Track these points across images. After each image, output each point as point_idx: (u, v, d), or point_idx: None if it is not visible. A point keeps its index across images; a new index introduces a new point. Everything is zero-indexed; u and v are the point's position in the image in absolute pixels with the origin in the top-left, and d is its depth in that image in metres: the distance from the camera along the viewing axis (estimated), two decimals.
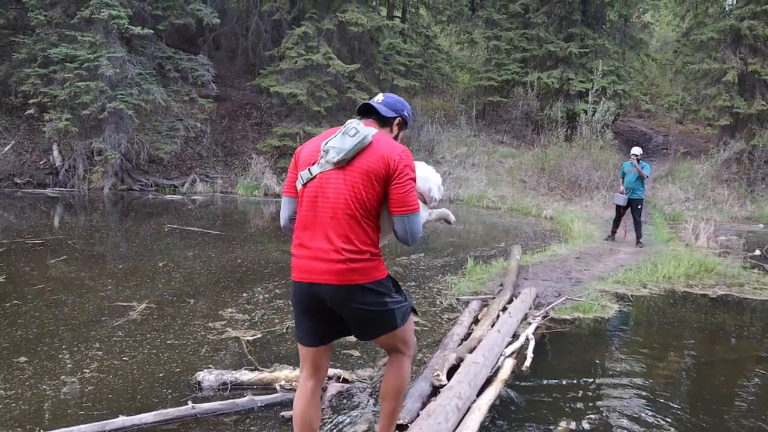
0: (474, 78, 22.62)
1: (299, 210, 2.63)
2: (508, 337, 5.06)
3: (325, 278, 2.51)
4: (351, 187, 2.50)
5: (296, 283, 2.61)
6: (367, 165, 2.50)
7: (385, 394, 2.82)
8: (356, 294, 2.52)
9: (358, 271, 2.51)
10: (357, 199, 2.50)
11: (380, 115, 2.72)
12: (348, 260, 2.49)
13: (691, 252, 9.76)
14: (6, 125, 16.40)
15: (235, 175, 16.94)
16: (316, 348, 2.71)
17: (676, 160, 19.94)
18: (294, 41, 16.32)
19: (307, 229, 2.57)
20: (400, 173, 2.51)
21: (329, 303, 2.56)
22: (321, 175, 2.55)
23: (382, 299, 2.59)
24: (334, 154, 2.51)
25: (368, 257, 2.53)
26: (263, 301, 6.26)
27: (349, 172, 2.51)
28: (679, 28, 24.07)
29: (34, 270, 7.23)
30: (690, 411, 4.10)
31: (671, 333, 5.95)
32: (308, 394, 2.72)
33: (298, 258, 2.60)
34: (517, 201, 15.64)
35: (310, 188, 2.57)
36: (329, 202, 2.52)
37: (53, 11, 15.10)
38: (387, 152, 2.52)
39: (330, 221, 2.51)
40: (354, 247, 2.50)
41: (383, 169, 2.50)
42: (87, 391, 4.00)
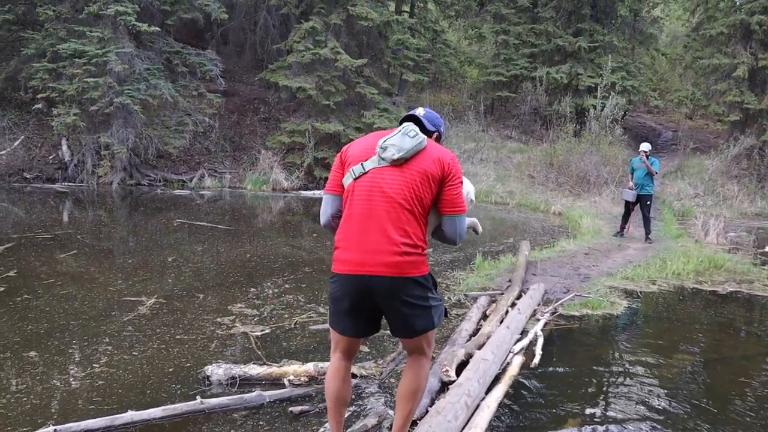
0: (482, 73, 22.54)
1: (349, 204, 2.68)
2: (517, 334, 5.05)
3: (381, 270, 2.57)
4: (410, 184, 2.60)
5: (347, 275, 2.64)
6: (425, 166, 2.62)
7: (403, 394, 2.84)
8: (407, 286, 2.60)
9: (412, 264, 2.60)
10: (416, 196, 2.60)
11: (423, 128, 2.85)
12: (405, 253, 2.57)
13: (700, 248, 9.71)
14: (15, 120, 16.47)
15: (244, 170, 16.96)
16: (349, 338, 2.80)
17: (686, 155, 19.82)
18: (302, 35, 16.30)
19: (359, 222, 2.63)
20: (453, 176, 2.66)
21: (379, 295, 2.61)
22: (375, 170, 2.64)
23: (426, 294, 2.67)
24: (394, 151, 2.60)
25: (420, 251, 2.64)
26: (272, 296, 6.28)
27: (407, 171, 2.61)
28: (689, 23, 23.90)
29: (45, 264, 7.27)
30: (700, 408, 4.08)
31: (680, 330, 5.92)
32: (341, 373, 2.82)
33: (349, 251, 2.64)
34: (525, 196, 15.60)
35: (363, 182, 2.64)
36: (387, 196, 2.60)
37: (61, 6, 15.12)
38: (441, 156, 2.67)
39: (387, 215, 2.59)
40: (410, 240, 2.59)
41: (439, 171, 2.63)
42: (97, 385, 4.02)
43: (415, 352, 2.84)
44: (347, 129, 16.23)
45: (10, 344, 4.64)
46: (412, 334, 2.75)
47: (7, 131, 16.05)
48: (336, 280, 2.70)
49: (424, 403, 3.57)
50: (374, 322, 2.80)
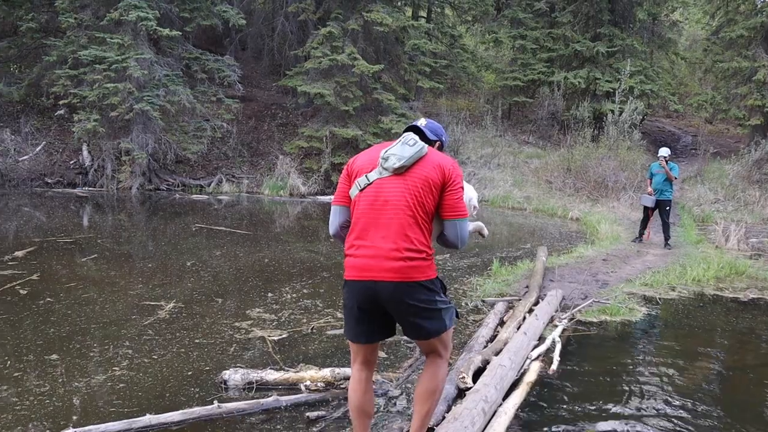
0: (499, 78, 22.50)
1: (355, 214, 2.78)
2: (534, 340, 5.03)
3: (386, 275, 2.63)
4: (412, 191, 2.68)
5: (353, 281, 2.73)
6: (426, 172, 2.71)
7: (420, 394, 2.89)
8: (412, 291, 2.65)
9: (417, 269, 2.65)
10: (418, 203, 2.68)
11: (425, 137, 2.94)
12: (408, 258, 2.64)
13: (721, 254, 9.59)
14: (38, 126, 16.74)
15: (261, 175, 17.08)
16: (366, 345, 2.85)
17: (706, 160, 19.58)
18: (319, 41, 16.39)
19: (365, 230, 2.72)
20: (453, 181, 2.73)
21: (385, 300, 2.67)
22: (378, 180, 2.74)
23: (433, 297, 2.72)
24: (395, 160, 2.71)
25: (425, 256, 2.69)
26: (290, 301, 6.31)
27: (409, 178, 2.70)
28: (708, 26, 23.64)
29: (66, 268, 7.38)
30: (720, 418, 4.03)
31: (701, 337, 5.85)
32: (363, 383, 2.87)
33: (356, 257, 2.72)
34: (542, 202, 15.52)
35: (368, 192, 2.75)
36: (389, 204, 2.69)
37: (83, 14, 15.38)
38: (442, 162, 2.75)
39: (390, 222, 2.67)
40: (413, 245, 2.66)
41: (440, 177, 2.71)
42: (117, 388, 4.07)
43: (432, 354, 2.90)
44: (365, 134, 16.28)
45: (33, 347, 4.72)
46: (424, 337, 2.80)
47: (29, 137, 16.32)
48: (346, 287, 2.79)
49: (441, 410, 3.57)
50: (386, 326, 2.84)
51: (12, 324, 5.22)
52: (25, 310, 5.60)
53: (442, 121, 19.39)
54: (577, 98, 20.90)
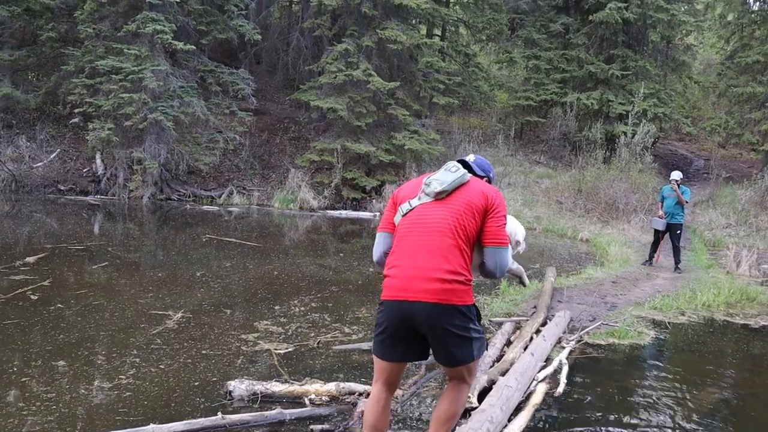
0: (512, 97, 22.56)
1: (397, 239, 2.80)
2: (542, 361, 5.00)
3: (423, 296, 2.61)
4: (454, 215, 2.69)
5: (390, 301, 2.71)
6: (469, 198, 2.73)
7: (438, 418, 2.86)
8: (448, 314, 2.62)
9: (454, 292, 2.62)
10: (460, 226, 2.68)
11: (473, 172, 2.99)
12: (446, 281, 2.61)
13: (732, 280, 9.50)
14: (53, 133, 16.95)
15: (272, 188, 17.15)
16: (393, 364, 2.82)
17: (718, 184, 19.48)
18: (334, 57, 16.54)
19: (404, 252, 2.72)
20: (496, 209, 2.74)
21: (421, 322, 2.64)
22: (420, 206, 2.77)
23: (467, 325, 2.68)
24: (437, 185, 2.74)
25: (463, 280, 2.66)
26: (299, 314, 6.32)
27: (451, 203, 2.73)
28: (723, 51, 23.65)
29: (77, 275, 7.43)
30: None
31: (710, 363, 5.79)
32: (381, 403, 2.84)
33: (395, 278, 2.70)
34: (552, 222, 15.47)
35: (410, 217, 2.78)
36: (431, 227, 2.70)
37: (102, 24, 15.61)
38: (485, 189, 2.78)
39: (430, 244, 2.67)
40: (452, 268, 2.63)
41: (483, 203, 2.72)
42: (124, 396, 4.08)
43: (456, 379, 2.87)
44: (377, 150, 16.35)
45: (42, 352, 4.75)
46: (452, 364, 2.77)
47: (44, 144, 16.52)
48: (381, 307, 2.78)
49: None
50: (414, 348, 2.80)
51: (22, 329, 5.26)
52: (35, 316, 5.64)
53: (454, 139, 19.46)
54: (589, 119, 20.91)
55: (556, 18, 22.13)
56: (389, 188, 16.56)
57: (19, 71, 17.61)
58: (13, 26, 16.73)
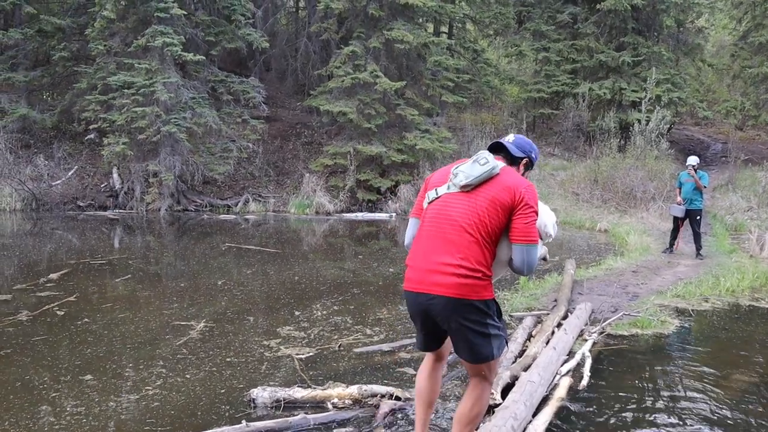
0: (523, 90, 22.47)
1: (420, 227, 2.85)
2: (564, 355, 4.98)
3: (439, 290, 2.64)
4: (475, 210, 2.66)
5: (409, 293, 2.78)
6: (494, 193, 2.67)
7: (461, 417, 2.87)
8: (464, 309, 2.63)
9: (471, 287, 2.62)
10: (480, 222, 2.65)
11: (510, 154, 2.94)
12: (462, 275, 2.61)
13: (755, 263, 9.38)
14: (70, 151, 17.20)
15: (287, 194, 17.24)
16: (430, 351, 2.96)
17: (737, 167, 19.22)
18: (342, 60, 16.59)
19: (424, 244, 2.75)
20: (524, 205, 2.65)
21: (438, 314, 2.68)
22: (446, 195, 2.77)
23: (485, 320, 2.69)
24: (462, 177, 2.71)
25: (481, 276, 2.65)
26: (321, 318, 6.36)
27: (474, 197, 2.69)
28: (735, 32, 23.34)
29: (102, 289, 7.54)
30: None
31: (737, 349, 5.72)
32: (430, 369, 2.96)
33: (414, 270, 2.76)
34: (570, 214, 15.37)
35: (434, 206, 2.79)
36: (452, 220, 2.69)
37: (112, 41, 15.83)
38: (513, 184, 2.69)
39: (449, 238, 2.67)
40: (470, 264, 2.63)
41: (509, 199, 2.65)
42: (152, 407, 4.13)
43: (476, 377, 2.86)
44: (389, 151, 16.36)
45: (71, 367, 4.83)
46: (469, 360, 2.79)
47: (62, 162, 16.77)
48: (405, 298, 2.87)
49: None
50: (441, 338, 2.87)
51: (50, 345, 5.35)
52: (63, 331, 5.74)
53: (467, 135, 19.41)
54: (602, 109, 20.76)
55: (564, 8, 22.01)
56: (404, 188, 16.57)
57: (35, 91, 17.93)
58: (26, 48, 17.04)
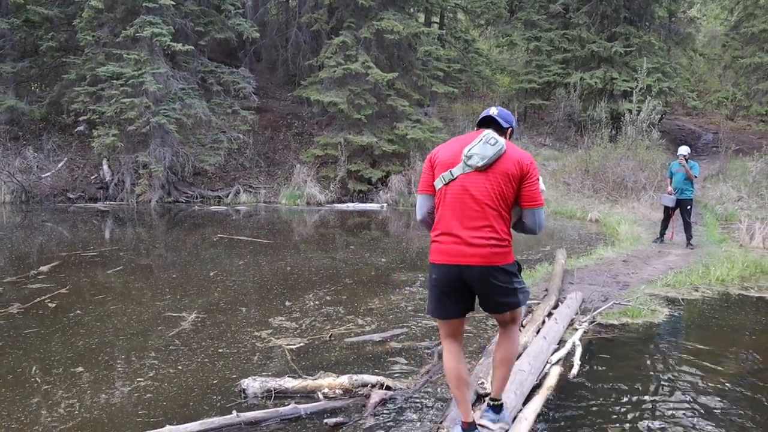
0: (514, 80, 22.46)
1: (443, 205, 3.10)
2: (554, 344, 5.00)
3: (474, 260, 2.98)
4: (495, 186, 3.00)
5: (441, 265, 3.07)
6: (506, 168, 3.02)
7: (499, 361, 3.28)
8: (496, 273, 3.01)
9: (499, 255, 3.01)
10: (500, 196, 3.01)
11: (499, 125, 3.23)
12: (492, 245, 2.99)
13: (745, 253, 9.45)
14: (59, 143, 17.07)
15: (278, 185, 17.20)
16: (450, 320, 3.18)
17: (728, 157, 19.32)
18: (333, 51, 16.52)
19: (452, 220, 3.05)
20: (531, 175, 3.05)
21: (472, 281, 3.03)
22: (462, 176, 3.05)
23: (511, 279, 3.08)
24: (478, 159, 3.01)
25: (506, 244, 3.05)
26: (313, 308, 6.37)
27: (491, 174, 3.02)
28: (727, 22, 23.38)
29: (93, 281, 7.51)
30: (749, 422, 3.97)
31: (727, 338, 5.77)
32: (454, 353, 3.20)
33: (446, 244, 3.06)
34: (561, 204, 15.43)
35: (454, 187, 3.06)
36: (475, 198, 3.01)
37: (101, 31, 15.67)
38: (520, 158, 3.05)
39: (477, 213, 3.01)
40: (497, 235, 3.01)
41: (518, 171, 3.02)
42: (144, 399, 4.13)
43: (506, 325, 3.27)
44: (380, 141, 16.34)
45: (63, 359, 4.81)
46: (500, 311, 3.17)
47: (51, 154, 16.65)
48: (434, 270, 3.12)
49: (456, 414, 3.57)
50: (465, 303, 3.15)
51: (42, 337, 5.33)
52: (55, 323, 5.72)
53: (458, 125, 19.41)
54: (593, 98, 20.79)
55: None
56: (395, 179, 16.56)
57: (22, 83, 17.76)
58: (13, 38, 16.86)
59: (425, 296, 6.90)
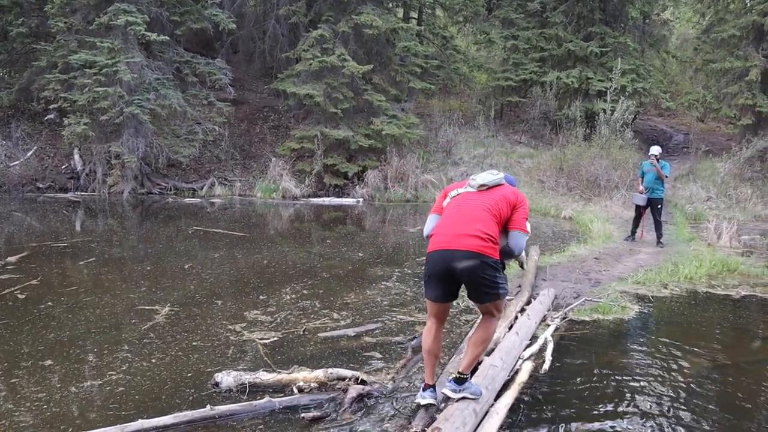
0: (491, 78, 22.57)
1: (444, 214, 3.69)
2: (527, 340, 5.07)
3: (464, 246, 3.42)
4: (491, 201, 3.59)
5: (436, 251, 3.53)
6: (503, 193, 3.65)
7: (473, 341, 3.71)
8: (481, 263, 3.42)
9: (488, 248, 3.45)
10: (495, 207, 3.57)
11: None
12: (482, 238, 3.45)
13: (713, 252, 9.66)
14: (29, 131, 16.70)
15: (254, 178, 17.07)
16: (440, 303, 3.65)
17: (698, 158, 19.70)
18: (310, 44, 16.42)
19: (452, 220, 3.58)
20: (522, 204, 3.66)
21: (458, 266, 3.43)
22: (465, 193, 3.72)
23: (494, 274, 3.50)
24: (481, 180, 3.70)
25: (494, 243, 3.50)
26: (289, 302, 6.36)
27: (489, 193, 3.65)
28: (699, 25, 23.78)
29: (65, 273, 7.39)
30: (715, 415, 4.08)
31: (694, 334, 5.90)
32: (432, 332, 3.71)
33: (442, 235, 3.54)
34: (535, 201, 15.56)
35: (456, 199, 3.72)
36: (474, 205, 3.59)
37: (73, 18, 15.34)
38: (515, 191, 3.71)
39: (472, 214, 3.54)
40: (488, 233, 3.47)
41: (513, 198, 3.64)
42: (116, 392, 4.09)
43: (486, 314, 3.70)
44: (356, 135, 16.31)
45: (33, 352, 4.73)
46: (482, 301, 3.59)
47: (20, 142, 16.29)
48: (429, 257, 3.60)
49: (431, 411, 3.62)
50: (453, 291, 3.63)
51: (12, 329, 5.23)
52: (26, 315, 5.63)
53: (434, 122, 19.46)
54: (569, 97, 20.99)
55: None
56: (371, 174, 16.56)
57: None
58: None
59: (401, 291, 6.96)
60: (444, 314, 3.75)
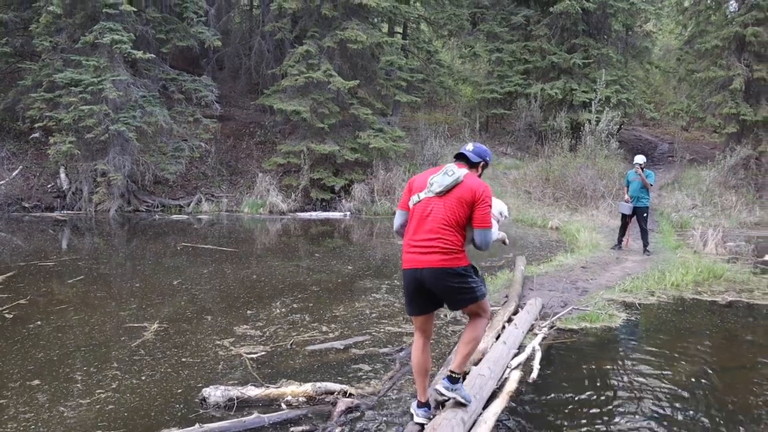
0: (477, 91, 22.75)
1: (410, 221, 3.75)
2: (514, 349, 5.09)
3: (429, 264, 3.54)
4: (449, 208, 3.61)
5: (407, 270, 3.66)
6: (460, 194, 3.63)
7: (463, 341, 3.79)
8: (447, 275, 3.55)
9: (449, 260, 3.55)
10: (452, 216, 3.60)
11: (469, 160, 3.82)
12: (444, 252, 3.54)
13: (699, 259, 9.75)
14: (14, 150, 16.60)
15: (240, 194, 17.04)
16: (421, 316, 3.75)
17: (683, 167, 19.93)
18: (296, 59, 16.49)
19: (413, 234, 3.67)
20: (482, 201, 3.62)
21: (428, 282, 3.56)
22: (426, 199, 3.69)
23: (466, 279, 3.61)
24: (437, 186, 3.66)
25: (457, 251, 3.58)
26: (279, 316, 6.36)
27: (447, 199, 3.64)
28: (681, 36, 24.12)
29: (53, 292, 7.33)
30: (703, 420, 4.11)
31: (680, 341, 5.95)
32: (419, 346, 3.77)
33: (409, 253, 3.65)
34: (522, 212, 15.67)
35: (419, 207, 3.71)
36: (432, 217, 3.62)
37: (59, 37, 15.31)
38: (474, 186, 3.66)
39: (432, 228, 3.60)
40: (448, 246, 3.56)
41: (471, 197, 3.62)
42: (105, 411, 4.06)
43: (473, 316, 3.80)
44: (342, 149, 16.35)
45: (22, 372, 4.69)
46: (461, 306, 3.76)
47: (5, 161, 16.18)
48: (403, 275, 3.72)
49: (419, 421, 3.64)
50: (430, 302, 3.72)
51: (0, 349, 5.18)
52: (15, 335, 5.58)
53: (420, 135, 19.56)
54: (554, 109, 21.19)
55: (517, 10, 22.41)
56: (358, 187, 16.58)
57: None
58: None
59: (389, 303, 6.98)
60: (427, 325, 3.81)
